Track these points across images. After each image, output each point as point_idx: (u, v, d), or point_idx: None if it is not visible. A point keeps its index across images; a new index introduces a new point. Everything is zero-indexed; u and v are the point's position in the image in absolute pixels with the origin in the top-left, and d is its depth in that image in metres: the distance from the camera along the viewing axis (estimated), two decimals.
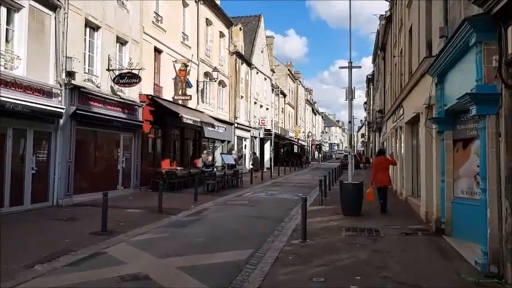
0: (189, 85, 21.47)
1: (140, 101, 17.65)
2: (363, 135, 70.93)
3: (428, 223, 10.21)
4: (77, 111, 13.57)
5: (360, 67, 13.68)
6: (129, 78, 15.65)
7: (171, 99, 20.70)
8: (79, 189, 13.93)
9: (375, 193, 12.43)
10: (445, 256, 7.28)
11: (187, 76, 21.45)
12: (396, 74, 19.60)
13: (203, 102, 25.38)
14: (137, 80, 15.69)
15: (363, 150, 65.84)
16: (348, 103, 13.10)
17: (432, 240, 8.56)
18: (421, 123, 11.34)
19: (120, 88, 16.11)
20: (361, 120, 79.06)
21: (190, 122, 19.65)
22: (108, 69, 15.69)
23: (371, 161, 33.76)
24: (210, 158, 25.39)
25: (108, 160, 16.11)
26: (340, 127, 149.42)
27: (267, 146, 41.41)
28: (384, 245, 8.16)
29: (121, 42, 16.86)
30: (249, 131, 36.05)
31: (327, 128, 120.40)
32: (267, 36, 44.92)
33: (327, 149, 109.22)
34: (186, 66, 21.74)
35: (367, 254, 7.41)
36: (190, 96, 21.74)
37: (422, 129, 10.82)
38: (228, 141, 30.46)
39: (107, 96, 15.50)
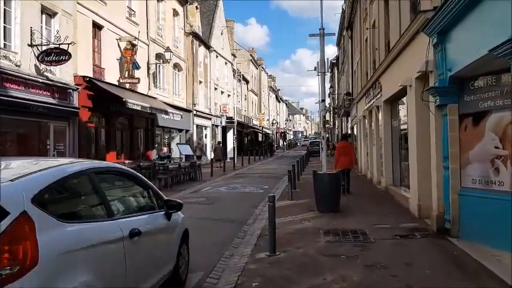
0: (136, 66, 18.80)
1: (75, 84, 14.91)
2: (327, 122, 69.81)
3: (423, 219, 8.36)
4: None
5: (334, 34, 11.64)
6: (56, 55, 12.94)
7: (116, 83, 18.02)
8: None
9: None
10: (465, 271, 5.33)
11: (134, 56, 18.80)
12: (368, 50, 17.76)
13: (156, 87, 22.73)
14: (66, 57, 12.99)
15: (328, 137, 64.75)
16: (319, 79, 11.04)
17: (437, 245, 6.63)
18: (408, 98, 9.45)
19: (47, 68, 13.38)
20: (326, 106, 78.04)
21: (138, 108, 17.05)
22: (30, 45, 12.92)
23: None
24: (166, 149, 22.82)
25: (34, 154, 13.35)
26: (304, 115, 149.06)
27: (230, 135, 39.08)
28: (377, 255, 6.17)
29: (48, 13, 14.06)
30: (210, 119, 33.61)
31: (291, 116, 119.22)
32: (227, 20, 42.22)
33: (292, 136, 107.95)
34: (133, 45, 19.09)
35: (359, 273, 5.38)
36: (139, 79, 19.08)
37: (412, 105, 8.90)
38: (187, 131, 27.97)
39: (30, 77, 12.75)
